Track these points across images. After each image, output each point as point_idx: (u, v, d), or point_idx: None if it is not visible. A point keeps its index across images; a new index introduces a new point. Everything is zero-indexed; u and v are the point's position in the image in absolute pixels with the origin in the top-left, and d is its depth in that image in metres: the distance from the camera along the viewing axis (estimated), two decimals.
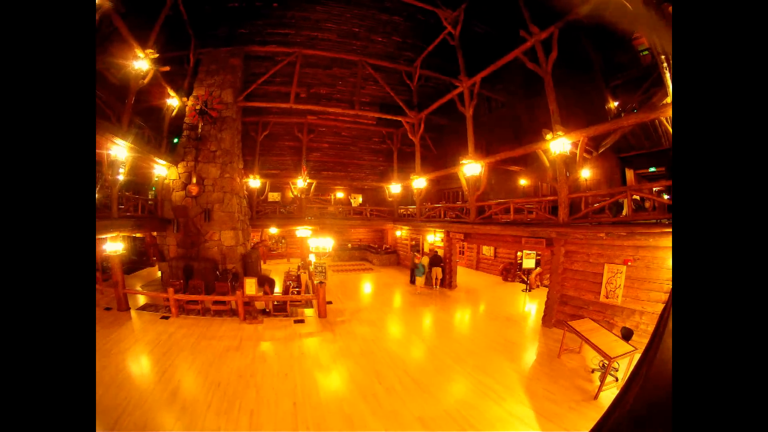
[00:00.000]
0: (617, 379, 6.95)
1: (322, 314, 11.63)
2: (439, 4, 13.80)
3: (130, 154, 11.37)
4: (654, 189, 8.94)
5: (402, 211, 22.78)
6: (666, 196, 9.90)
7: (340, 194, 27.02)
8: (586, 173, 15.34)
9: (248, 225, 18.44)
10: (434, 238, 19.36)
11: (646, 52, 12.22)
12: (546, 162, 11.08)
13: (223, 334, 9.90)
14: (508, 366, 8.02)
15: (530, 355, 8.91)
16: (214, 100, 15.59)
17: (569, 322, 8.20)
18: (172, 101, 15.35)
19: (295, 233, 21.08)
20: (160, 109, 15.61)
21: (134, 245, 21.31)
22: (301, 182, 20.71)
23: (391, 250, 25.48)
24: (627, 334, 7.42)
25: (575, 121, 10.54)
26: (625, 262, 8.98)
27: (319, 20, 15.42)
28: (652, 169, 14.80)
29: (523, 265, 16.20)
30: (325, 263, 11.72)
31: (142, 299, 13.13)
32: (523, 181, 19.70)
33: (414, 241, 23.33)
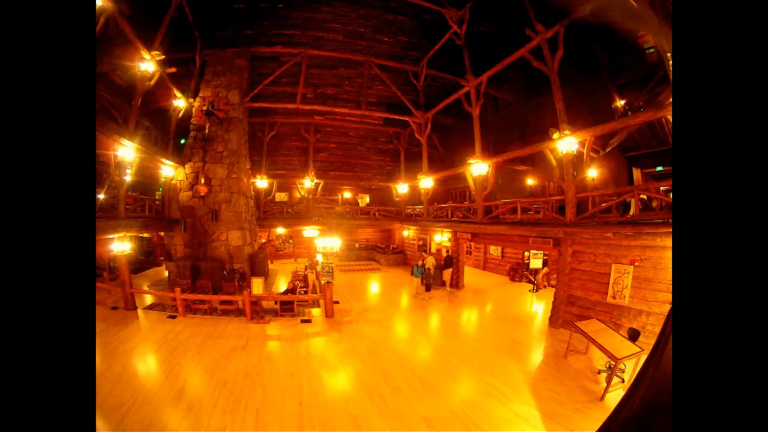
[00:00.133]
0: (623, 381, 6.89)
1: (329, 314, 11.66)
2: (445, 4, 13.77)
3: (137, 155, 11.46)
4: (661, 188, 8.82)
5: (409, 211, 22.72)
6: None
7: (348, 194, 27.05)
8: (593, 172, 15.23)
9: (255, 225, 18.48)
10: (441, 238, 19.35)
11: (652, 50, 12.10)
12: (553, 161, 11.01)
13: (230, 334, 9.95)
14: (515, 366, 7.99)
15: (537, 355, 8.87)
16: (221, 101, 15.67)
17: (576, 323, 8.16)
18: (179, 102, 15.45)
19: (303, 233, 21.18)
20: (166, 110, 15.73)
21: (141, 245, 21.52)
22: (308, 182, 20.74)
23: (399, 250, 25.43)
24: (634, 335, 7.37)
25: (582, 120, 10.47)
26: (632, 262, 8.92)
27: (324, 21, 15.45)
28: (659, 168, 14.67)
29: (531, 266, 16.18)
30: (332, 263, 11.76)
31: (149, 299, 13.22)
32: (530, 181, 19.59)
33: (421, 241, 23.31)
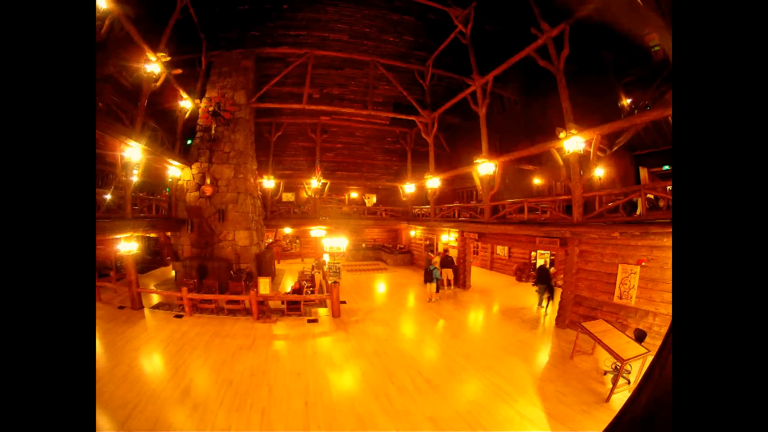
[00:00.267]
0: (629, 382, 6.85)
1: (336, 314, 11.68)
2: (450, 3, 13.76)
3: (144, 155, 11.52)
4: (668, 188, 8.74)
5: (416, 211, 22.72)
6: None
7: (355, 194, 27.10)
8: (599, 172, 15.12)
9: (262, 225, 18.55)
10: (448, 238, 19.31)
11: (658, 48, 11.99)
12: (560, 161, 10.95)
13: (237, 333, 10.00)
14: (521, 367, 7.96)
15: (543, 356, 8.82)
16: (227, 102, 15.75)
17: (582, 323, 8.13)
18: (185, 103, 15.50)
19: (310, 233, 21.26)
20: (173, 111, 15.79)
21: (148, 245, 21.67)
22: (315, 182, 20.74)
23: (405, 250, 25.42)
24: (640, 336, 7.31)
25: (588, 119, 10.40)
26: (639, 263, 8.85)
27: (329, 21, 15.51)
28: (666, 168, 14.51)
29: (537, 266, 16.08)
30: (339, 263, 11.78)
31: (155, 298, 13.32)
32: (537, 181, 19.51)
33: (428, 241, 23.29)
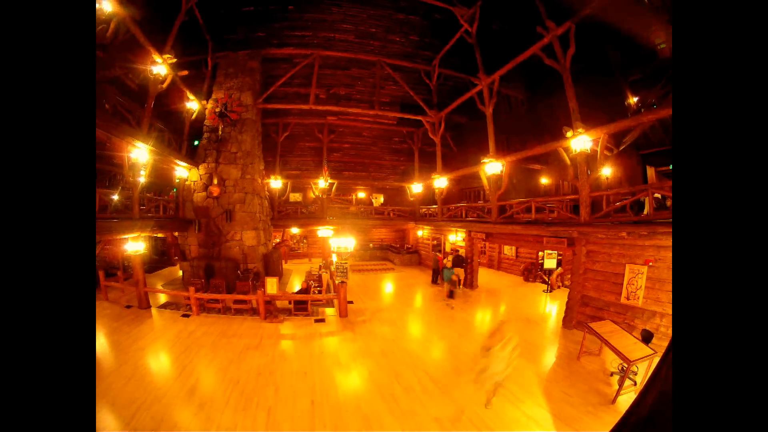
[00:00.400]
0: (636, 383, 6.81)
1: (343, 314, 11.71)
2: (455, 2, 13.74)
3: (151, 156, 11.63)
4: None
5: (423, 210, 22.68)
6: None
7: (362, 194, 27.05)
8: (606, 171, 15.02)
9: (270, 225, 18.65)
10: (456, 237, 19.27)
11: (664, 46, 11.85)
12: (567, 160, 10.91)
13: (244, 333, 10.05)
14: (527, 367, 7.90)
15: (549, 356, 8.78)
16: (234, 103, 15.84)
17: (589, 324, 8.08)
18: (192, 105, 15.59)
19: (317, 233, 21.23)
20: (180, 112, 15.86)
21: (156, 245, 21.82)
22: (322, 182, 20.78)
23: (413, 250, 25.39)
24: (647, 337, 7.26)
25: (595, 118, 10.33)
26: (647, 263, 8.77)
27: (335, 21, 15.52)
28: None
29: (545, 266, 16.00)
30: (346, 263, 11.75)
31: (163, 298, 13.42)
32: (544, 180, 19.44)
33: (436, 241, 23.23)
